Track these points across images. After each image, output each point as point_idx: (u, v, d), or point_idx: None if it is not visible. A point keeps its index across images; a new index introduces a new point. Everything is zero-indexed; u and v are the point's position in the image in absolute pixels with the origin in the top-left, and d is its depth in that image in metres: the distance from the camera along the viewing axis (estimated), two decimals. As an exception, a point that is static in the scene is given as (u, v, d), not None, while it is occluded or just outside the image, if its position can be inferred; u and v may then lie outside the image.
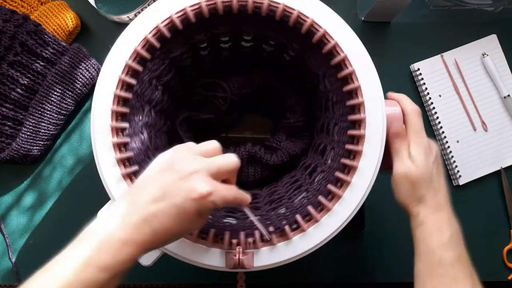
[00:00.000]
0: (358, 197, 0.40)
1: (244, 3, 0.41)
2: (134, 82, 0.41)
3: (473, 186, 0.65)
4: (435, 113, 0.65)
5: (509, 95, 0.65)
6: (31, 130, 0.57)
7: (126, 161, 0.40)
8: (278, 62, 0.56)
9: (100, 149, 0.40)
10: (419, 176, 0.42)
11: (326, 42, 0.41)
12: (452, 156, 0.65)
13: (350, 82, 0.41)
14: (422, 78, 0.65)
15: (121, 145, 0.40)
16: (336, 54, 0.42)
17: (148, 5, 0.62)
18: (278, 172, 0.58)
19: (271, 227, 0.40)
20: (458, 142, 0.65)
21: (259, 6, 0.41)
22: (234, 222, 0.44)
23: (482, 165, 0.65)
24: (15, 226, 0.60)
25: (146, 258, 0.41)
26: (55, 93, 0.58)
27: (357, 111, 0.41)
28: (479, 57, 0.66)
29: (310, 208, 0.40)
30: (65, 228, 0.60)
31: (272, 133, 0.63)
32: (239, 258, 0.38)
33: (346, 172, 0.41)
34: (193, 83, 0.58)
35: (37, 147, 0.59)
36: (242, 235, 0.40)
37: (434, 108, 0.65)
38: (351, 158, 0.41)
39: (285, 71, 0.57)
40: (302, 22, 0.41)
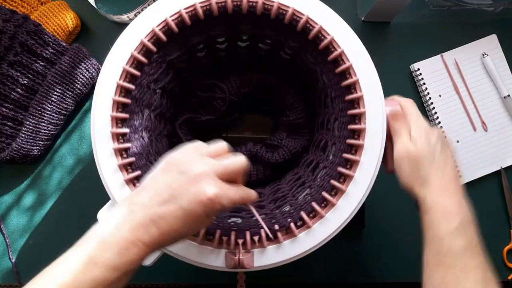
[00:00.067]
0: (361, 191, 0.40)
1: (238, 3, 0.41)
2: (132, 87, 0.41)
3: (473, 186, 0.65)
4: (435, 113, 0.65)
5: (509, 95, 0.65)
6: (31, 130, 0.57)
7: (128, 166, 0.40)
8: (275, 61, 0.56)
9: (101, 155, 0.40)
10: (420, 154, 0.41)
11: (323, 38, 0.41)
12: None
13: (348, 76, 0.41)
14: (422, 78, 0.65)
15: (122, 150, 0.40)
16: (332, 49, 0.42)
17: (148, 5, 0.62)
18: (280, 170, 0.58)
19: (277, 225, 0.40)
20: (458, 142, 0.65)
21: (254, 5, 0.41)
22: (239, 221, 0.44)
23: (482, 165, 0.65)
24: (15, 226, 0.60)
25: (146, 258, 0.41)
26: (55, 93, 0.58)
27: (356, 105, 0.41)
28: (479, 57, 0.66)
29: (314, 204, 0.40)
30: (65, 228, 0.60)
31: (272, 132, 0.63)
32: (239, 258, 0.38)
33: (348, 166, 0.41)
34: (191, 85, 0.58)
35: (37, 147, 0.59)
36: (248, 235, 0.40)
37: (434, 108, 0.65)
38: (353, 152, 0.41)
39: (283, 69, 0.57)
40: (298, 19, 0.41)
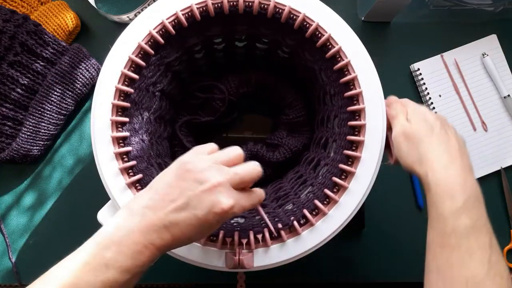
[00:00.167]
0: (363, 187, 0.40)
1: (235, 3, 0.41)
2: (131, 90, 0.41)
3: (473, 186, 0.65)
4: (435, 113, 0.65)
5: (509, 95, 0.65)
6: (31, 130, 0.57)
7: (129, 169, 0.41)
8: (273, 60, 0.56)
9: (102, 159, 0.40)
10: (417, 131, 0.39)
11: (320, 35, 0.42)
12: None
13: (346, 73, 0.41)
14: (422, 78, 0.65)
15: (122, 154, 0.40)
16: (330, 46, 0.42)
17: (148, 5, 0.62)
18: (281, 169, 0.58)
19: (280, 224, 0.40)
20: (458, 142, 0.65)
21: (250, 4, 0.41)
22: (242, 221, 0.44)
23: (482, 165, 0.65)
24: (15, 226, 0.60)
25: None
26: (55, 93, 0.58)
27: (355, 102, 0.41)
28: (479, 57, 0.66)
29: (317, 202, 0.41)
30: (65, 228, 0.60)
31: (272, 131, 0.63)
32: (239, 258, 0.38)
33: (349, 163, 0.41)
34: (190, 87, 0.58)
35: (37, 147, 0.59)
36: (252, 234, 0.40)
37: (434, 108, 0.65)
38: (354, 149, 0.41)
39: (281, 68, 0.57)
40: (294, 17, 0.41)
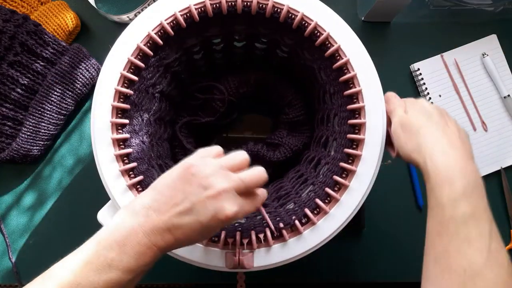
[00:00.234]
0: (364, 185, 0.40)
1: (233, 3, 0.41)
2: (131, 92, 0.41)
3: (473, 186, 0.65)
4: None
5: (509, 95, 0.65)
6: (31, 130, 0.57)
7: (129, 171, 0.41)
8: (272, 59, 0.56)
9: (102, 161, 0.40)
10: (414, 120, 0.39)
11: (319, 34, 0.41)
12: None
13: (345, 71, 0.41)
14: (422, 78, 0.65)
15: (123, 156, 0.41)
16: (329, 45, 0.42)
17: (148, 5, 0.62)
18: (281, 168, 0.58)
19: (281, 223, 0.40)
20: (458, 142, 0.65)
21: (248, 4, 0.41)
22: (243, 221, 0.44)
23: (482, 165, 0.65)
24: (15, 226, 0.60)
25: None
26: (55, 93, 0.58)
27: (355, 100, 0.41)
28: (479, 57, 0.66)
29: (318, 200, 0.41)
30: (65, 228, 0.60)
31: (272, 131, 0.63)
32: (239, 258, 0.38)
33: (350, 161, 0.41)
34: (189, 88, 0.58)
35: (37, 147, 0.59)
36: (253, 234, 0.40)
37: (434, 108, 0.65)
38: (354, 147, 0.41)
39: (280, 68, 0.57)
40: (293, 16, 0.41)
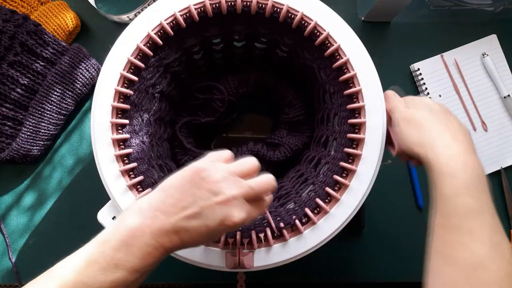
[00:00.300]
0: (365, 185, 0.40)
1: (232, 3, 0.41)
2: (130, 92, 0.41)
3: (473, 186, 0.65)
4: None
5: (509, 95, 0.65)
6: (31, 130, 0.57)
7: (130, 171, 0.41)
8: (272, 59, 0.56)
9: (102, 161, 0.40)
10: (417, 113, 0.39)
11: (318, 33, 0.41)
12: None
13: (345, 71, 0.41)
14: (422, 78, 0.65)
15: (123, 156, 0.41)
16: (329, 44, 0.42)
17: (148, 5, 0.62)
18: (282, 168, 0.58)
19: (282, 223, 0.40)
20: (458, 142, 0.65)
21: (248, 4, 0.41)
22: None
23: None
24: (15, 226, 0.60)
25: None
26: (55, 93, 0.58)
27: (355, 100, 0.41)
28: (479, 57, 0.66)
29: (319, 200, 0.41)
30: (65, 228, 0.60)
31: (272, 131, 0.63)
32: (239, 258, 0.38)
33: (350, 161, 0.41)
34: (189, 88, 0.58)
35: (37, 147, 0.59)
36: (254, 234, 0.40)
37: (434, 108, 0.65)
38: (354, 146, 0.41)
39: (280, 67, 0.57)
40: (293, 16, 0.41)
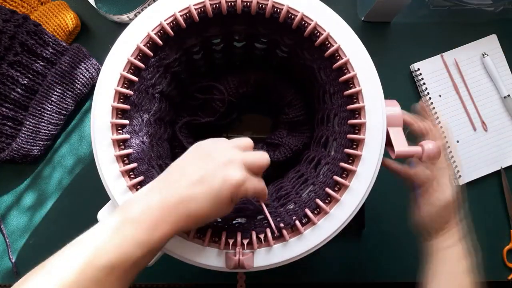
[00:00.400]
0: (365, 185, 0.40)
1: (233, 3, 0.41)
2: (131, 93, 0.41)
3: (473, 186, 0.65)
4: (435, 113, 0.65)
5: (509, 95, 0.65)
6: (31, 130, 0.57)
7: (130, 172, 0.41)
8: (272, 59, 0.56)
9: (102, 162, 0.40)
10: (455, 201, 0.45)
11: (318, 34, 0.41)
12: (452, 156, 0.65)
13: (345, 71, 0.41)
14: (422, 78, 0.65)
15: (123, 156, 0.41)
16: (329, 45, 0.41)
17: (148, 5, 0.62)
18: (281, 168, 0.58)
19: (282, 223, 0.40)
20: (458, 142, 0.65)
21: (248, 5, 0.41)
22: (244, 221, 0.44)
23: (482, 165, 0.65)
24: (15, 226, 0.60)
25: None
26: (55, 93, 0.58)
27: (355, 100, 0.41)
28: (479, 57, 0.66)
29: (319, 201, 0.40)
30: (65, 228, 0.60)
31: (272, 131, 0.63)
32: (239, 258, 0.38)
33: (350, 161, 0.41)
34: (189, 88, 0.58)
35: (37, 147, 0.59)
36: (254, 234, 0.40)
37: (434, 108, 0.65)
38: (354, 147, 0.41)
39: (280, 68, 0.57)
40: (293, 16, 0.41)
